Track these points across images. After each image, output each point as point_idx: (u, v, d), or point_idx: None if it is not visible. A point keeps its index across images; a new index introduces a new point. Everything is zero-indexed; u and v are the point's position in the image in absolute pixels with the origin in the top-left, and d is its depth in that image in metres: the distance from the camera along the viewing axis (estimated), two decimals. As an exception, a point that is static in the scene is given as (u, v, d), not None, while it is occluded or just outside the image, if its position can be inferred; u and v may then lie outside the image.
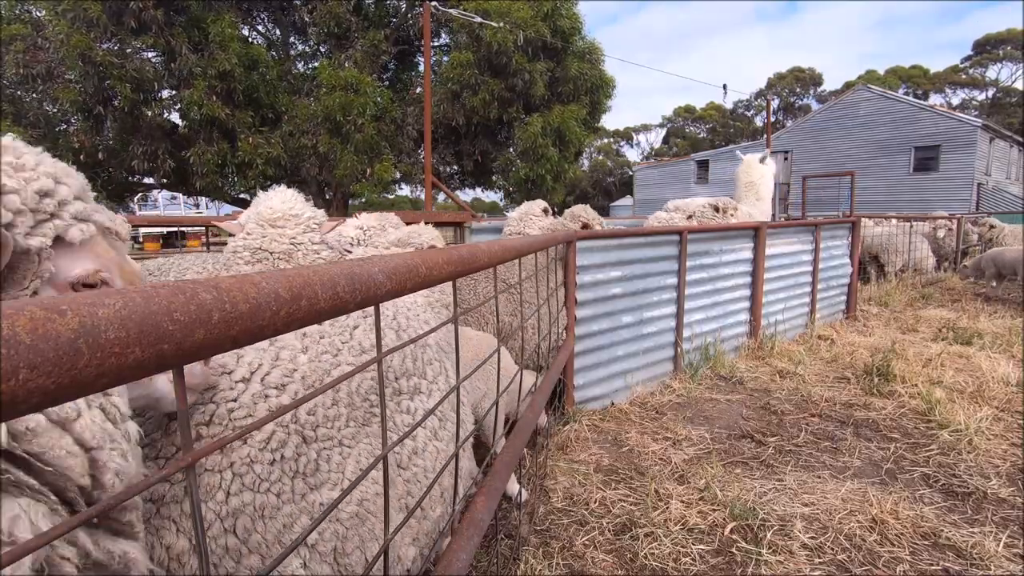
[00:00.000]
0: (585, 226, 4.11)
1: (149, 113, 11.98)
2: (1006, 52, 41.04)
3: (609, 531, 2.43)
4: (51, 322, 0.36)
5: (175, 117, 13.00)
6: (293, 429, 1.22)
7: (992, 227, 10.01)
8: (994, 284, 8.31)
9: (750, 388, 4.22)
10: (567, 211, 4.29)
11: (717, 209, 5.38)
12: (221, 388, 1.20)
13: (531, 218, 3.79)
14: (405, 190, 18.99)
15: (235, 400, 1.19)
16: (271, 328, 0.54)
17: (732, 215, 5.44)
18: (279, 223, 2.19)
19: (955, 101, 43.81)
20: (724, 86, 16.95)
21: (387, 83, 15.22)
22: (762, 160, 6.26)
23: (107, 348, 0.39)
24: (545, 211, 3.85)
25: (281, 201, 2.24)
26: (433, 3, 10.22)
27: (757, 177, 6.20)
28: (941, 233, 10.66)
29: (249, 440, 1.15)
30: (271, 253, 2.12)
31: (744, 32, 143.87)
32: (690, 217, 5.06)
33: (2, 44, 11.10)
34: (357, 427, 1.35)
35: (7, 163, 0.77)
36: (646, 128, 55.48)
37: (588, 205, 4.36)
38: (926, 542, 2.29)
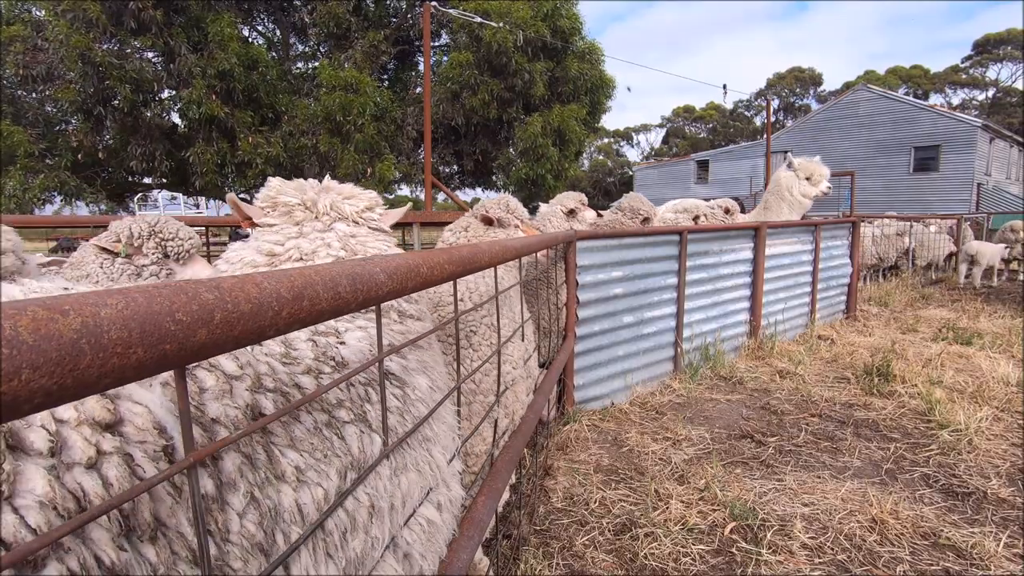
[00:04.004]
0: (646, 220, 4.10)
1: (148, 113, 11.97)
2: (1006, 52, 41.04)
3: (609, 531, 2.43)
4: (54, 322, 0.36)
5: (175, 117, 13.00)
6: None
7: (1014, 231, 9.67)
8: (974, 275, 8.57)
9: (750, 388, 4.22)
10: (624, 203, 4.24)
11: (727, 211, 5.38)
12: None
13: (549, 219, 3.77)
14: (405, 190, 18.99)
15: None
16: (273, 328, 0.54)
17: (735, 217, 5.45)
18: None
19: (955, 101, 43.85)
20: (724, 86, 16.95)
21: (387, 83, 15.21)
22: (788, 165, 5.94)
23: (109, 348, 0.39)
24: (571, 213, 3.81)
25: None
26: (433, 3, 10.22)
27: (772, 186, 6.00)
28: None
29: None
30: None
31: (752, 32, 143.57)
32: (696, 219, 5.04)
33: (2, 45, 11.09)
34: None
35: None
36: (646, 128, 55.46)
37: (642, 195, 4.33)
38: (926, 542, 2.29)
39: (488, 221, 2.70)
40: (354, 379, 0.94)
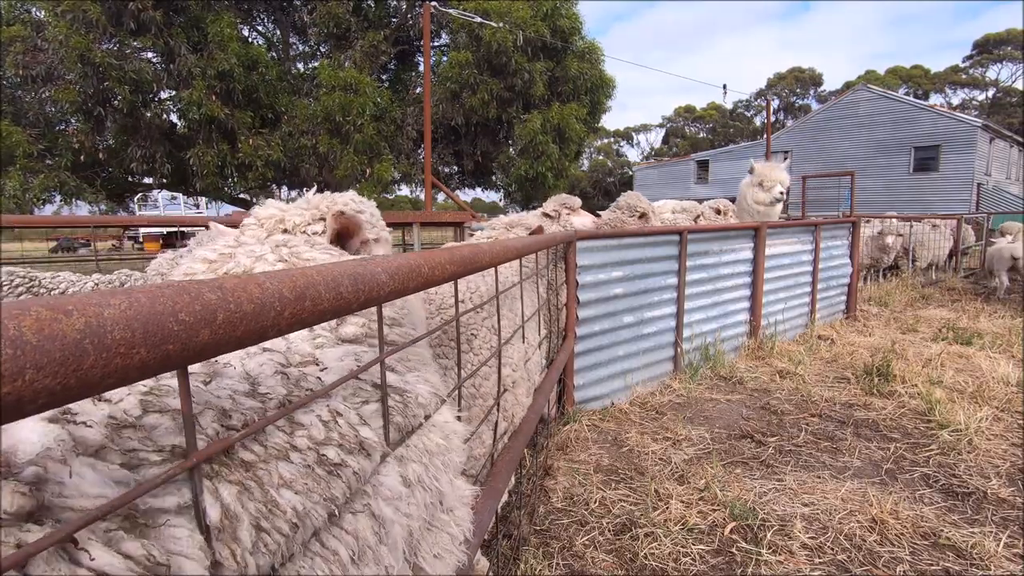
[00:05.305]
0: (643, 215, 4.09)
1: (148, 114, 11.98)
2: (1006, 52, 41.08)
3: (609, 531, 2.43)
4: (57, 322, 0.36)
5: (175, 118, 13.01)
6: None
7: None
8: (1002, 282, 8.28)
9: (750, 388, 4.22)
10: (621, 201, 4.23)
11: (719, 211, 5.38)
12: None
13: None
14: (405, 190, 19.00)
15: None
16: (275, 329, 0.54)
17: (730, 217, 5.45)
18: None
19: (955, 101, 43.88)
20: (724, 86, 16.97)
21: (387, 83, 15.22)
22: (749, 171, 5.75)
23: (113, 349, 0.39)
24: (548, 216, 3.75)
25: None
26: (433, 3, 10.23)
27: (738, 194, 5.83)
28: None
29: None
30: None
31: (753, 32, 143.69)
32: (696, 218, 5.04)
33: (2, 45, 11.10)
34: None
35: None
36: (646, 128, 55.48)
37: (639, 193, 4.32)
38: (926, 542, 2.29)
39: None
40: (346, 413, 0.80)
